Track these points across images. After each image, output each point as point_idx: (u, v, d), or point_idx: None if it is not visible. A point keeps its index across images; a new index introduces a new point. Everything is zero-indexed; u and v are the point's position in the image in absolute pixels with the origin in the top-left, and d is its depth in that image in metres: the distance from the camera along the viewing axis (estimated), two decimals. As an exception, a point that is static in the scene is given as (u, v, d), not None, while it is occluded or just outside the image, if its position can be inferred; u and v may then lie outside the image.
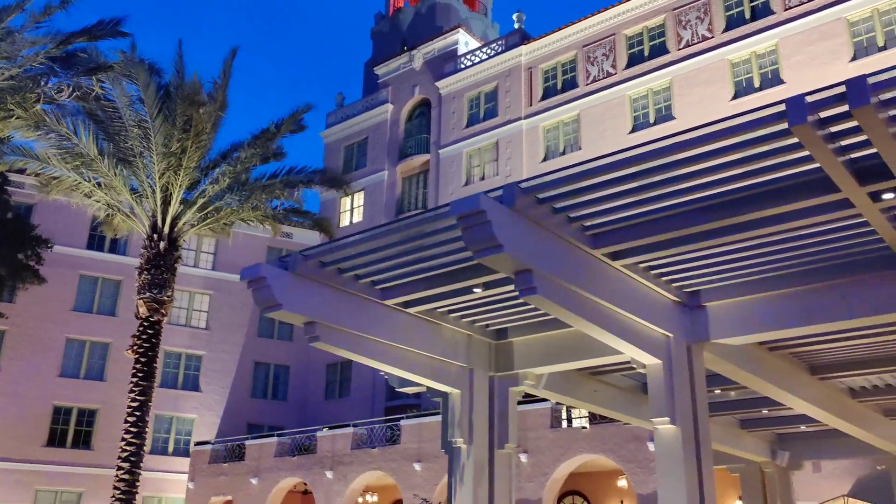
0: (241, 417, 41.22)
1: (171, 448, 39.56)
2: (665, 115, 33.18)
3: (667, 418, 8.04)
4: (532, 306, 8.81)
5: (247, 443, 35.69)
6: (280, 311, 7.99)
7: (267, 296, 7.83)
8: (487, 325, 9.95)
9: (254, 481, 33.88)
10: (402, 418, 31.41)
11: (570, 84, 36.97)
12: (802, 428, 15.05)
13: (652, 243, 7.27)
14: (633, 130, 33.53)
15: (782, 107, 5.49)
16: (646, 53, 34.71)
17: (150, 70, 20.74)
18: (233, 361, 42.00)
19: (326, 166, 26.38)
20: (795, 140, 5.64)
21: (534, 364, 9.78)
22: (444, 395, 9.95)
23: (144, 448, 20.09)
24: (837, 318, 7.87)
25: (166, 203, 21.06)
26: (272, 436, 35.47)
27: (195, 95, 20.35)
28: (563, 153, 35.86)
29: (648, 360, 8.23)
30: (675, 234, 7.02)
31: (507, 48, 39.61)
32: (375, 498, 33.35)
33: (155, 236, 20.90)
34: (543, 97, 37.74)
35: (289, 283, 8.06)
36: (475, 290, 8.41)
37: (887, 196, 6.16)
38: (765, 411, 13.64)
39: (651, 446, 22.05)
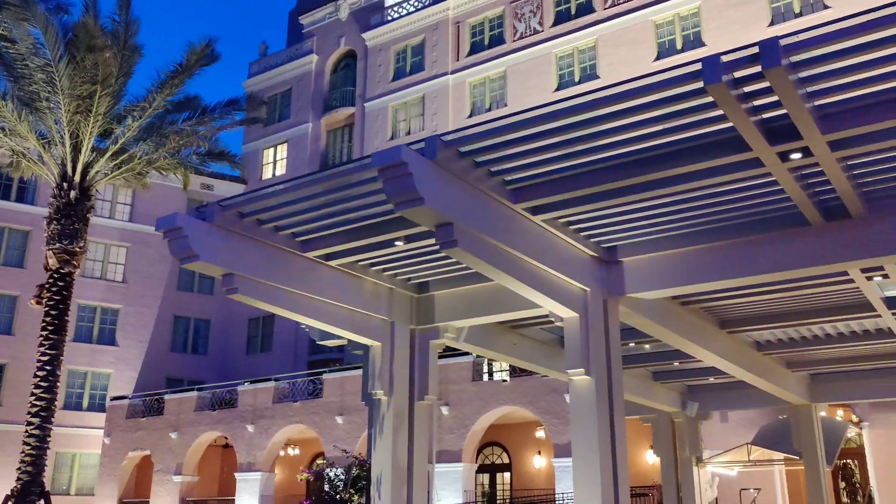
0: (159, 372, 40.52)
1: (85, 403, 38.67)
2: (590, 74, 33.48)
3: (581, 369, 8.25)
4: (453, 260, 8.85)
5: (166, 397, 35.18)
6: (197, 263, 7.81)
7: (183, 246, 7.63)
8: (409, 279, 9.97)
9: (173, 436, 33.49)
10: (325, 372, 31.43)
11: (498, 40, 36.86)
12: (711, 380, 15.69)
13: (571, 198, 7.37)
14: (559, 88, 33.76)
15: (698, 66, 5.59)
16: (572, 12, 34.83)
17: (58, 8, 19.71)
18: (151, 315, 41.09)
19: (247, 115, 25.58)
20: (711, 99, 5.76)
21: (454, 317, 9.86)
22: (365, 347, 9.97)
23: (56, 403, 19.54)
24: (747, 273, 8.16)
25: (77, 150, 20.21)
26: (192, 390, 35.04)
27: (93, 39, 19.39)
28: (490, 109, 35.88)
29: (565, 314, 8.40)
30: (593, 190, 7.13)
31: (435, 1, 39.15)
32: (297, 451, 33.44)
33: (65, 185, 20.07)
34: (471, 52, 37.56)
35: (206, 234, 7.87)
36: (397, 243, 8.39)
37: (795, 156, 6.37)
38: (676, 364, 14.15)
39: (568, 398, 22.64)
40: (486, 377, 27.53)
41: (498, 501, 29.05)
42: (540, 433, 26.85)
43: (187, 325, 42.29)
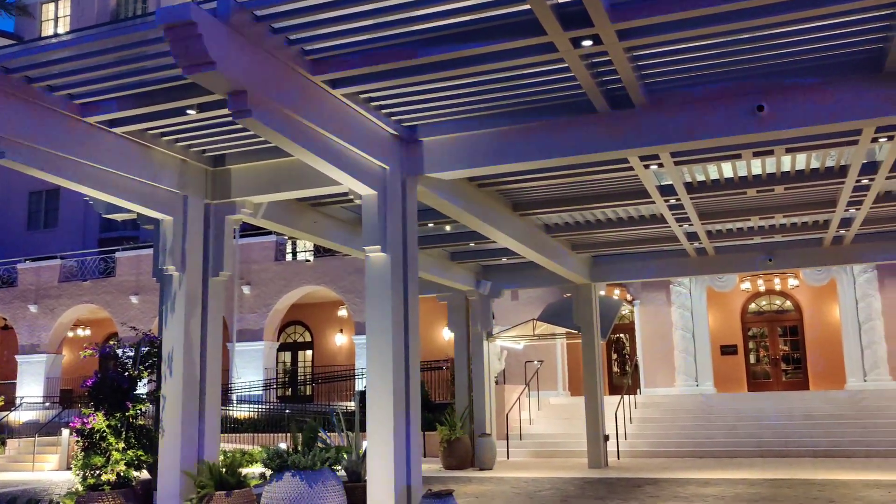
0: (-78, 248, 36.61)
1: None
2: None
3: (378, 246, 8.38)
4: (251, 132, 8.54)
5: (-70, 276, 32.03)
6: (-47, 123, 6.98)
7: (-66, 102, 6.77)
8: (203, 151, 9.51)
9: (-58, 317, 30.78)
10: (118, 250, 29.88)
11: None
12: (504, 260, 16.57)
13: (371, 73, 7.25)
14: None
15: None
16: None
17: None
18: None
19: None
20: (510, -22, 5.79)
21: (252, 192, 9.59)
22: (156, 221, 9.51)
23: None
24: (537, 157, 8.51)
25: None
26: (-37, 268, 32.11)
27: None
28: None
29: (364, 191, 8.42)
30: (393, 66, 7.04)
31: None
32: (88, 331, 31.93)
33: None
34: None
35: (-36, 91, 7.02)
36: (189, 111, 7.92)
37: (586, 43, 6.60)
38: (472, 244, 14.75)
39: (370, 278, 23.04)
40: (289, 257, 27.39)
41: (299, 377, 29.54)
42: (342, 312, 27.31)
43: (-44, 197, 38.21)
